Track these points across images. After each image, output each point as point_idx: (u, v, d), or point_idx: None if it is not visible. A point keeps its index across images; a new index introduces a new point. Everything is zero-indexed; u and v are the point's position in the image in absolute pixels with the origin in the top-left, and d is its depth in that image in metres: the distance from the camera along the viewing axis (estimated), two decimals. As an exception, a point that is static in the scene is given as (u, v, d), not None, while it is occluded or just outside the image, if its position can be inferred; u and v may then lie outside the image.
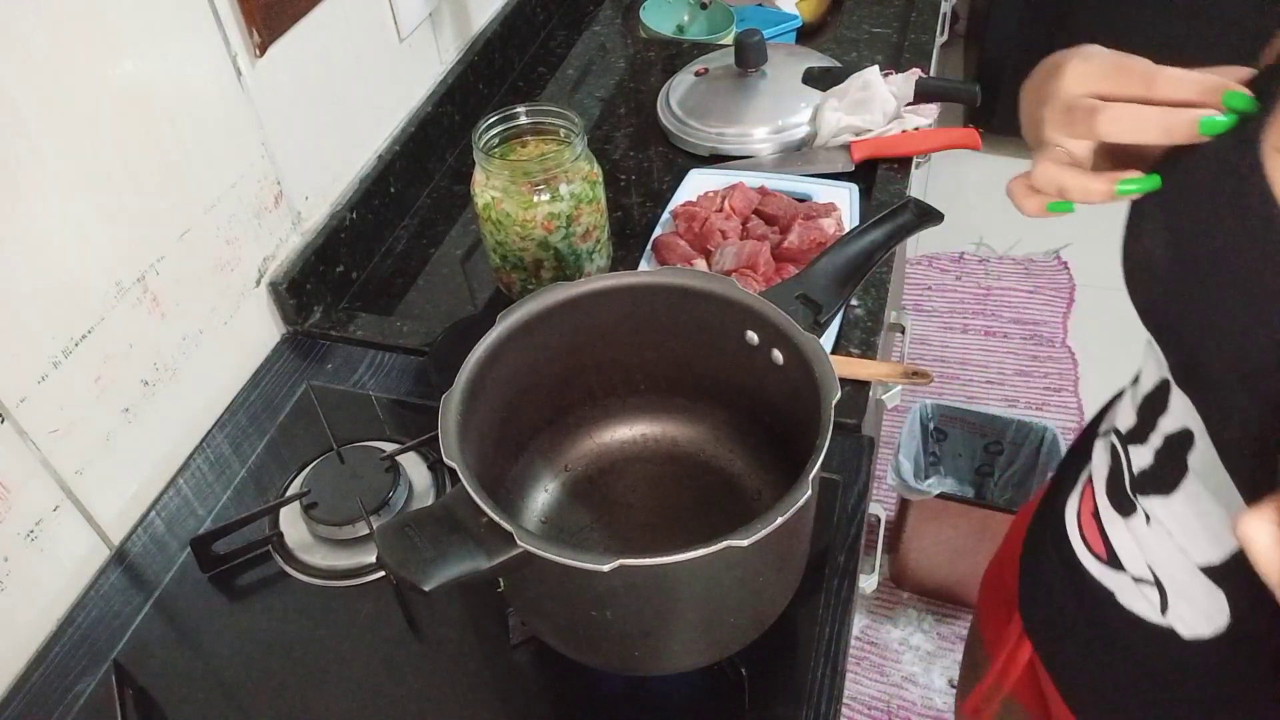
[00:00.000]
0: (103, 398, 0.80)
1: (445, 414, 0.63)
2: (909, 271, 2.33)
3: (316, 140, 1.02)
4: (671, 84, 1.26)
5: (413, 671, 0.73)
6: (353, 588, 0.79)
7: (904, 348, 1.51)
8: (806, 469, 0.58)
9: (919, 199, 0.80)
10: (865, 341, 0.93)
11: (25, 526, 0.75)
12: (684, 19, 1.51)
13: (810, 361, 0.66)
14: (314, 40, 0.98)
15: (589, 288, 0.73)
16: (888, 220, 0.79)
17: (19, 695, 0.74)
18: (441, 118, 1.21)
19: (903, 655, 1.70)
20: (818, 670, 0.71)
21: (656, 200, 1.14)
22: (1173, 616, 0.52)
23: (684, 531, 0.77)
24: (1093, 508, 0.59)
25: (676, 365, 0.78)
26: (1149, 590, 0.53)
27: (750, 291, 0.71)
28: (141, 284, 0.82)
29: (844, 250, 0.78)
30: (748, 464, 0.79)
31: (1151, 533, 0.52)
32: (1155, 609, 0.53)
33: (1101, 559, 0.58)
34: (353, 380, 0.96)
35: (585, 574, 0.56)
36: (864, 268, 0.77)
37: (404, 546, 0.57)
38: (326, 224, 1.03)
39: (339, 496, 0.81)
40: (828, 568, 0.77)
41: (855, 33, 1.42)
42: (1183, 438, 0.49)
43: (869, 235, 0.78)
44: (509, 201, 0.92)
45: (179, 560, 0.81)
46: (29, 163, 0.70)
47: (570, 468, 0.81)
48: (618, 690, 0.72)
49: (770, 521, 0.55)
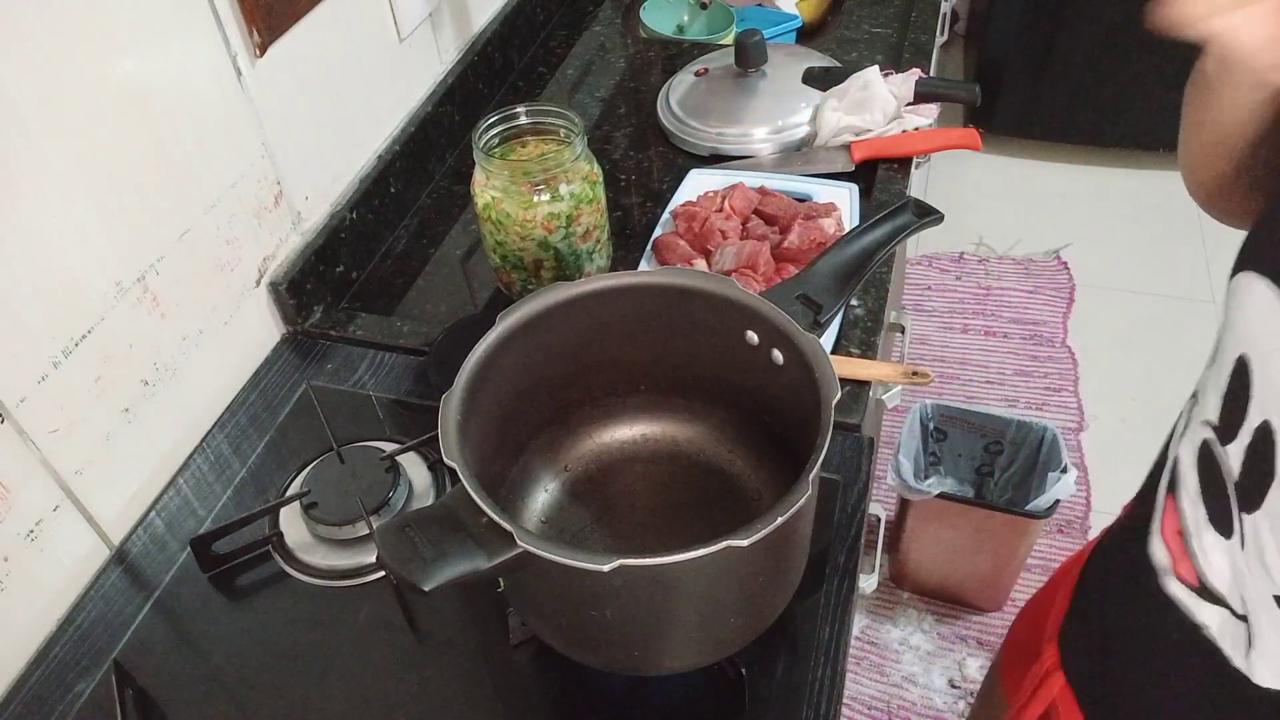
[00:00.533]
0: (103, 398, 0.80)
1: (445, 414, 0.63)
2: (909, 271, 2.33)
3: (316, 140, 1.02)
4: (671, 84, 1.26)
5: (413, 671, 0.73)
6: (353, 588, 0.79)
7: (904, 348, 1.51)
8: (806, 469, 0.59)
9: (919, 199, 0.80)
10: (865, 341, 0.93)
11: (25, 526, 0.75)
12: (684, 19, 1.51)
13: (810, 361, 0.66)
14: (314, 40, 0.98)
15: (588, 288, 0.73)
16: (887, 220, 0.79)
17: (19, 695, 0.74)
18: (441, 118, 1.21)
19: (903, 655, 1.70)
20: (818, 670, 0.71)
21: (656, 200, 1.14)
22: (1255, 658, 0.44)
23: (684, 532, 0.77)
24: (1177, 526, 0.49)
25: (676, 365, 0.78)
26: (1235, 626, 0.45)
27: (750, 291, 0.71)
28: (141, 284, 0.82)
29: (844, 250, 0.78)
30: (748, 464, 0.79)
31: (1245, 556, 0.43)
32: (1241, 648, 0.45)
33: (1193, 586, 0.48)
34: (353, 380, 0.96)
35: (585, 574, 0.56)
36: (864, 267, 0.77)
37: (404, 547, 0.57)
38: (326, 224, 1.03)
39: (339, 496, 0.81)
40: (828, 568, 0.77)
41: (855, 33, 1.42)
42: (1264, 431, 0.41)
43: (869, 235, 0.78)
44: (509, 201, 0.92)
45: (179, 560, 0.81)
46: (29, 163, 0.70)
47: (570, 468, 0.81)
48: (618, 690, 0.72)
49: (770, 522, 0.56)
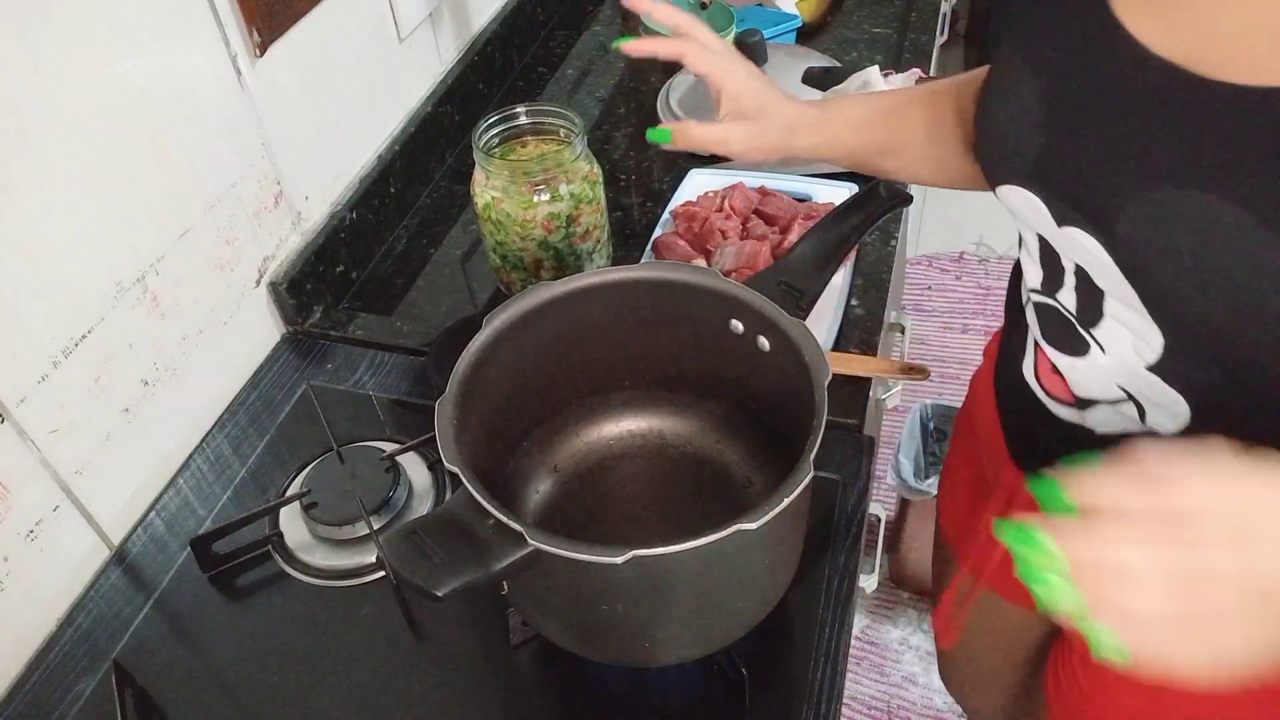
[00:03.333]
0: (103, 398, 0.80)
1: (440, 419, 0.63)
2: (909, 271, 2.32)
3: (316, 140, 1.02)
4: (671, 84, 1.26)
5: (413, 671, 0.73)
6: (353, 588, 0.79)
7: (904, 348, 1.51)
8: (807, 449, 0.59)
9: (889, 181, 0.82)
10: (865, 341, 0.94)
11: (25, 526, 0.75)
12: (684, 19, 1.50)
13: (798, 345, 0.66)
14: (314, 40, 0.98)
15: (572, 286, 0.73)
16: (860, 202, 0.82)
17: (19, 695, 0.74)
18: (441, 118, 1.21)
19: (903, 655, 1.70)
20: (818, 670, 0.71)
21: (656, 200, 1.14)
22: (1151, 421, 0.55)
23: (677, 523, 0.77)
24: (1050, 365, 0.61)
25: (662, 360, 0.79)
26: (1126, 407, 0.56)
27: (732, 280, 0.72)
28: (141, 284, 0.82)
29: (820, 235, 0.80)
30: (736, 453, 0.80)
31: (1110, 357, 0.55)
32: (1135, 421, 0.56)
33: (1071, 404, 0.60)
34: (353, 380, 0.96)
35: (597, 568, 0.56)
36: (841, 250, 0.79)
37: (413, 553, 0.57)
38: (326, 224, 1.03)
39: (339, 496, 0.81)
40: (828, 568, 0.77)
41: (855, 33, 1.42)
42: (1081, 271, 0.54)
43: (843, 219, 0.81)
44: (509, 201, 0.92)
45: (179, 560, 0.81)
46: (29, 163, 0.70)
47: (560, 468, 0.81)
48: (618, 691, 0.72)
49: (777, 504, 0.56)
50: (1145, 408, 0.55)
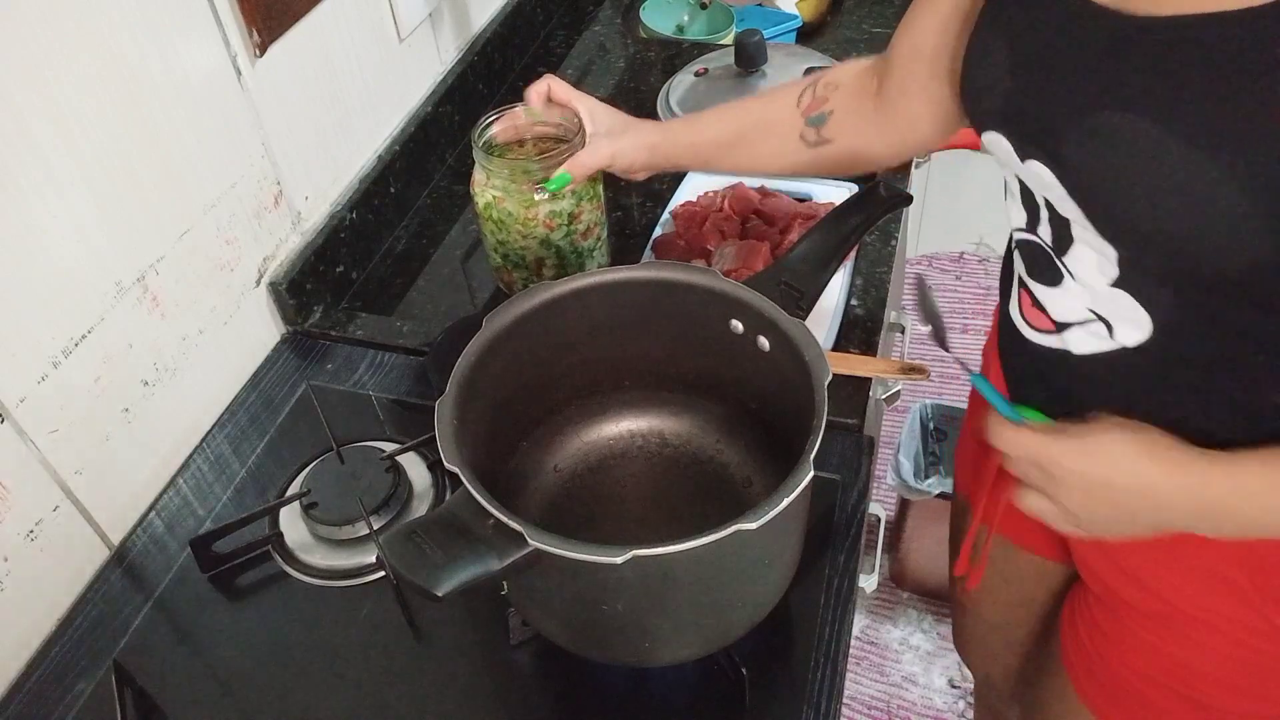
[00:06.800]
0: (102, 398, 0.80)
1: (440, 420, 0.63)
2: (909, 271, 2.33)
3: (316, 140, 1.02)
4: (671, 84, 1.26)
5: (413, 671, 0.73)
6: (353, 588, 0.79)
7: (904, 348, 1.51)
8: (807, 449, 0.59)
9: (888, 180, 0.82)
10: (865, 341, 0.94)
11: (25, 526, 0.75)
12: (684, 19, 1.51)
13: (799, 345, 0.66)
14: (314, 40, 0.98)
15: (572, 286, 0.73)
16: (860, 201, 0.82)
17: (19, 695, 0.74)
18: (441, 118, 1.21)
19: (903, 655, 1.70)
20: (818, 670, 0.71)
21: (656, 200, 1.14)
22: (1119, 336, 0.61)
23: (677, 523, 0.78)
24: (1031, 299, 0.68)
25: (661, 359, 0.79)
26: (1096, 327, 0.62)
27: (732, 280, 0.72)
28: (141, 284, 0.82)
29: (820, 235, 0.80)
30: (735, 453, 0.80)
31: (1079, 283, 0.62)
32: (1106, 338, 0.62)
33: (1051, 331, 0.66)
34: (353, 380, 0.96)
35: (598, 568, 0.56)
36: (841, 250, 0.79)
37: (413, 553, 0.57)
38: (326, 224, 1.03)
39: (339, 496, 0.81)
40: (828, 568, 0.77)
41: (855, 33, 1.42)
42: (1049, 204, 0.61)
43: (843, 219, 0.81)
44: (510, 200, 0.92)
45: (179, 560, 0.81)
46: (29, 163, 0.70)
47: (559, 468, 0.81)
48: (618, 691, 0.72)
49: (777, 503, 0.56)
50: (1113, 324, 0.61)
